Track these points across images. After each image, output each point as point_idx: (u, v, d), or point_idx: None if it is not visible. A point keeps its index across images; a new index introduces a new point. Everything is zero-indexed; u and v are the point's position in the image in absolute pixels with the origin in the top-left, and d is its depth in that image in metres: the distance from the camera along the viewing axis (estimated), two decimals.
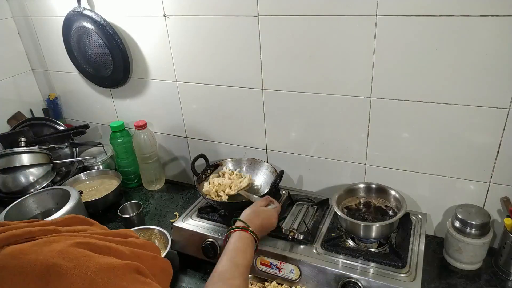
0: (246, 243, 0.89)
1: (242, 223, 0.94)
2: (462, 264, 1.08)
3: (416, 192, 1.18)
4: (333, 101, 1.15)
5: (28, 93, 1.73)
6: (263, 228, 0.98)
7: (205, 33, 1.23)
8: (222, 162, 1.34)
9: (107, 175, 1.50)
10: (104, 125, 1.68)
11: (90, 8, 1.38)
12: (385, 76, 1.04)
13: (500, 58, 0.91)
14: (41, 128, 1.64)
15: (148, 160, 1.48)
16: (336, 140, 1.21)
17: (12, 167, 1.33)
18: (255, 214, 0.99)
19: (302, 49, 1.11)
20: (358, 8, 0.99)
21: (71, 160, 1.53)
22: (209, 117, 1.40)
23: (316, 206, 1.19)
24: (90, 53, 1.43)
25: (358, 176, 1.23)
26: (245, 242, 0.89)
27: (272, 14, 1.10)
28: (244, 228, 0.92)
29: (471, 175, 1.08)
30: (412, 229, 1.08)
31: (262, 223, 0.97)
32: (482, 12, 0.88)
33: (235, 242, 0.88)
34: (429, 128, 1.06)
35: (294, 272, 1.01)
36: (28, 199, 1.22)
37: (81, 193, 1.27)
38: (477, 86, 0.96)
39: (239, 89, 1.27)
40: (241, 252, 0.86)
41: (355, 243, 1.04)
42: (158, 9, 1.26)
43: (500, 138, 1.00)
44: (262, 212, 1.01)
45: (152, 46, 1.35)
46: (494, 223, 1.10)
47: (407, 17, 0.95)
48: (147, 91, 1.47)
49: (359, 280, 0.93)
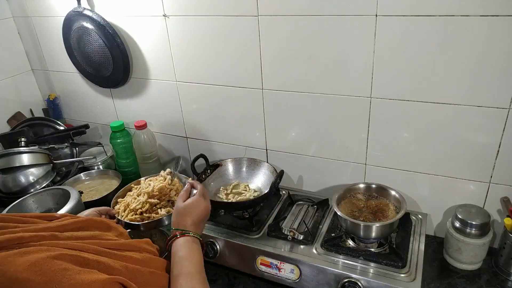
0: (188, 247, 0.82)
1: (176, 231, 0.85)
2: (462, 264, 1.08)
3: (416, 192, 1.18)
4: (333, 101, 1.15)
5: (28, 93, 1.73)
6: (197, 221, 0.88)
7: (205, 33, 1.23)
8: (222, 162, 1.34)
9: (107, 175, 1.50)
10: (104, 125, 1.68)
11: (90, 8, 1.38)
12: (385, 76, 1.04)
13: (500, 58, 0.91)
14: (41, 128, 1.64)
15: (148, 160, 1.48)
16: (336, 140, 1.21)
17: (12, 167, 1.32)
18: (181, 214, 0.88)
19: (302, 49, 1.11)
20: (358, 8, 0.99)
21: (71, 160, 1.53)
22: (209, 117, 1.40)
23: (316, 206, 1.19)
24: (90, 53, 1.43)
25: (358, 176, 1.23)
26: (186, 247, 0.82)
27: (272, 14, 1.10)
28: (177, 234, 0.84)
29: (471, 175, 1.08)
30: (412, 229, 1.08)
31: (194, 219, 0.87)
32: (482, 12, 0.88)
33: (179, 252, 0.81)
34: (429, 128, 1.06)
35: (294, 272, 1.01)
36: (28, 199, 1.22)
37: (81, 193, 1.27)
38: (477, 86, 0.96)
39: (239, 89, 1.27)
40: (187, 259, 0.79)
41: (355, 243, 1.04)
42: (158, 9, 1.26)
43: (500, 138, 1.00)
44: (188, 208, 0.90)
45: (152, 46, 1.35)
46: (494, 223, 1.10)
47: (407, 17, 0.95)
48: (147, 91, 1.47)
49: (359, 280, 0.93)
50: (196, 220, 0.88)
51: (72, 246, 0.64)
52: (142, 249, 0.77)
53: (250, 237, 1.09)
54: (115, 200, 1.13)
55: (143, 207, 1.05)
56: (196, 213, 0.89)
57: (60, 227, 0.71)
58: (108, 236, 0.76)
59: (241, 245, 1.06)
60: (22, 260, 0.56)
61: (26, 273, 0.54)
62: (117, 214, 1.07)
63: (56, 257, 0.58)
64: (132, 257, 0.72)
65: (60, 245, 0.63)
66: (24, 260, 0.56)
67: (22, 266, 0.55)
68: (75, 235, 0.70)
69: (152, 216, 1.04)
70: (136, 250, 0.76)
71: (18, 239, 0.61)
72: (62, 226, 0.72)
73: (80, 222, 0.76)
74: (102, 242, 0.71)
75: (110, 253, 0.68)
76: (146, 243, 0.80)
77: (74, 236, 0.70)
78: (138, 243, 0.78)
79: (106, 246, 0.70)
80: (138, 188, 1.15)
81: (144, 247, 0.78)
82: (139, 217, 1.04)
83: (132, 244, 0.76)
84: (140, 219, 1.03)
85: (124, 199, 1.12)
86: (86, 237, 0.71)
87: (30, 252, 0.58)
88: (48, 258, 0.57)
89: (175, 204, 0.93)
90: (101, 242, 0.71)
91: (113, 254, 0.69)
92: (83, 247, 0.65)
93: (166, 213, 1.03)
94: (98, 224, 0.79)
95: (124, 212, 1.06)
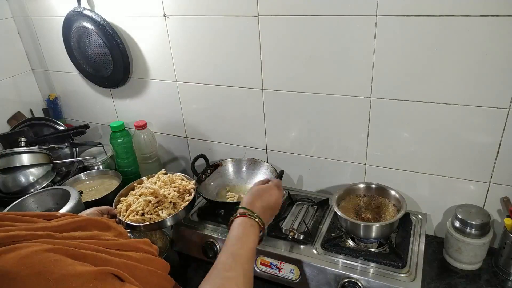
0: (246, 229, 0.81)
1: (243, 209, 0.85)
2: (462, 264, 1.08)
3: (416, 192, 1.18)
4: (333, 101, 1.15)
5: (28, 93, 1.73)
6: (267, 208, 0.89)
7: (205, 33, 1.23)
8: (222, 162, 1.34)
9: (107, 175, 1.49)
10: (104, 125, 1.68)
11: (90, 8, 1.38)
12: (385, 76, 1.04)
13: (500, 58, 0.91)
14: (41, 128, 1.64)
15: (148, 160, 1.48)
16: (336, 140, 1.21)
17: (12, 167, 1.32)
18: (255, 196, 0.89)
19: (302, 49, 1.11)
20: (358, 8, 0.99)
21: (71, 160, 1.53)
22: (209, 117, 1.40)
23: (316, 206, 1.19)
24: (90, 53, 1.43)
25: (358, 176, 1.23)
26: (245, 228, 0.81)
27: (272, 14, 1.10)
28: (244, 213, 0.84)
29: (471, 175, 1.08)
30: (412, 229, 1.08)
31: (263, 204, 0.88)
32: (482, 12, 0.88)
33: (233, 230, 0.81)
34: (429, 128, 1.06)
35: (294, 272, 1.01)
36: (28, 199, 1.22)
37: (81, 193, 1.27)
38: (477, 86, 0.96)
39: (239, 89, 1.27)
40: (240, 240, 0.78)
41: (355, 243, 1.04)
42: (158, 9, 1.26)
43: (500, 138, 1.00)
44: (262, 191, 0.92)
45: (152, 46, 1.35)
46: (494, 223, 1.10)
47: (407, 17, 0.95)
48: (147, 91, 1.47)
49: (359, 280, 0.93)
50: (266, 205, 0.89)
51: (68, 244, 0.63)
52: (140, 249, 0.77)
53: None
54: (117, 198, 1.13)
55: (144, 209, 1.05)
56: (267, 199, 0.90)
57: (58, 227, 0.71)
58: (107, 236, 0.76)
59: None
60: (13, 255, 0.55)
61: (17, 267, 0.53)
62: (118, 214, 1.07)
63: (49, 250, 0.57)
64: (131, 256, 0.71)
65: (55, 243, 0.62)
66: (15, 254, 0.55)
67: (12, 260, 0.54)
68: (72, 235, 0.70)
69: (154, 218, 1.04)
70: (134, 250, 0.75)
71: (12, 237, 0.60)
72: (59, 225, 0.71)
73: (79, 222, 0.76)
74: (100, 242, 0.71)
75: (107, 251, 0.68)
76: (144, 244, 0.80)
77: (72, 236, 0.69)
78: (136, 243, 0.78)
79: (103, 245, 0.70)
80: (140, 187, 1.15)
81: (142, 247, 0.78)
82: (140, 218, 1.04)
83: (130, 244, 0.76)
84: (142, 220, 1.04)
85: (126, 198, 1.12)
86: (83, 237, 0.70)
87: (21, 248, 0.57)
88: (40, 251, 0.56)
89: (252, 186, 0.95)
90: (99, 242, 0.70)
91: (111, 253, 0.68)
92: (80, 245, 0.65)
93: (167, 215, 1.03)
94: (97, 224, 0.79)
95: (125, 212, 1.06)
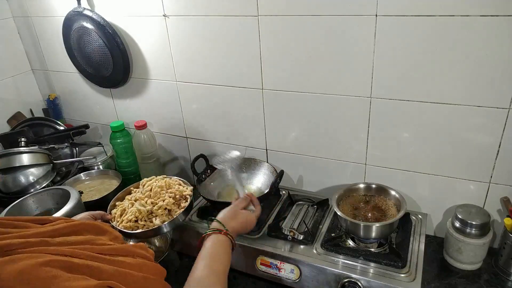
0: (224, 247, 0.85)
1: (219, 224, 0.90)
2: (462, 264, 1.08)
3: (416, 192, 1.18)
4: (333, 101, 1.15)
5: (28, 93, 1.73)
6: (239, 231, 0.94)
7: (205, 33, 1.23)
8: None
9: (107, 175, 1.49)
10: (104, 125, 1.68)
11: (90, 8, 1.38)
12: (385, 76, 1.04)
13: (500, 58, 0.91)
14: (41, 128, 1.64)
15: (148, 160, 1.48)
16: (336, 140, 1.21)
17: (12, 167, 1.32)
18: (233, 216, 0.94)
19: (302, 49, 1.11)
20: (358, 8, 0.99)
21: (71, 160, 1.53)
22: (209, 117, 1.40)
23: (316, 206, 1.19)
24: (90, 53, 1.43)
25: (358, 176, 1.23)
26: (222, 246, 0.85)
27: (272, 14, 1.10)
28: (221, 230, 0.88)
29: (471, 175, 1.08)
30: (412, 229, 1.08)
31: (238, 226, 0.93)
32: (482, 12, 0.88)
33: (212, 246, 0.84)
34: (429, 128, 1.06)
35: (294, 272, 1.01)
36: (28, 199, 1.22)
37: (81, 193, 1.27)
38: (477, 86, 0.96)
39: (239, 89, 1.27)
40: (219, 257, 0.82)
41: (355, 243, 1.04)
42: (158, 9, 1.26)
43: (500, 138, 1.00)
44: (241, 215, 0.97)
45: (152, 46, 1.35)
46: (494, 223, 1.10)
47: (407, 17, 0.95)
48: (147, 91, 1.47)
49: (359, 280, 0.93)
50: (240, 230, 0.95)
51: (62, 252, 0.63)
52: (136, 254, 0.76)
53: (250, 237, 1.09)
54: (113, 202, 1.13)
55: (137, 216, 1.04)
56: (244, 225, 0.96)
57: (52, 232, 0.70)
58: (102, 241, 0.75)
59: (241, 245, 1.06)
60: (10, 269, 0.55)
61: (14, 282, 0.54)
62: (112, 220, 1.06)
63: (45, 264, 0.57)
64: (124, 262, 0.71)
65: (50, 251, 0.62)
66: (12, 268, 0.55)
67: (10, 274, 0.54)
68: (67, 240, 0.69)
69: (147, 225, 1.03)
70: (129, 255, 0.74)
71: (6, 246, 0.60)
72: (54, 230, 0.71)
73: (73, 226, 0.75)
74: (95, 248, 0.70)
75: (102, 258, 0.67)
76: (140, 248, 0.79)
77: (66, 241, 0.69)
78: (132, 248, 0.77)
79: (98, 251, 0.69)
80: (136, 192, 1.15)
81: (138, 252, 0.77)
82: (133, 224, 1.03)
83: (125, 249, 0.75)
84: (135, 227, 1.03)
85: (122, 203, 1.12)
86: (78, 242, 0.70)
87: (18, 260, 0.57)
88: (36, 265, 0.57)
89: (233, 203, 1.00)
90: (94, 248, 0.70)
91: (105, 259, 0.68)
92: (74, 252, 0.65)
93: (161, 222, 1.03)
94: (91, 228, 0.78)
95: (120, 218, 1.05)
